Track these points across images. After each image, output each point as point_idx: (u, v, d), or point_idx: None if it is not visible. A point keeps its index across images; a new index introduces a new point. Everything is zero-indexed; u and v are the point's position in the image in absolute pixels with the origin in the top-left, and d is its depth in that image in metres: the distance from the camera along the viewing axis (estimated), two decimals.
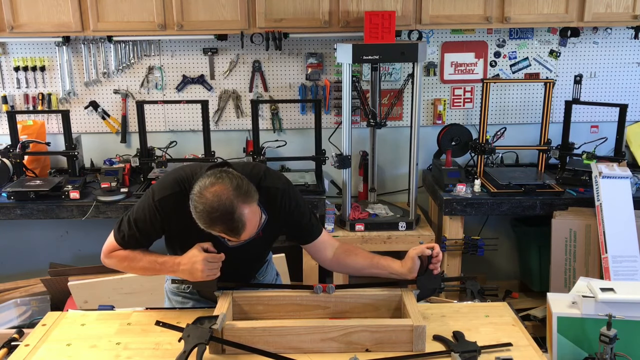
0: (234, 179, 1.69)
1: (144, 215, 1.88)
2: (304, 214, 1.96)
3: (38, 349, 1.74)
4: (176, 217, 1.84)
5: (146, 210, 1.87)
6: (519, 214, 3.39)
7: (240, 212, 1.66)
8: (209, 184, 1.67)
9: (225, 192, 1.65)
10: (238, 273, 2.06)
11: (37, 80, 3.66)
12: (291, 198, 1.93)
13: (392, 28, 3.15)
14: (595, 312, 1.77)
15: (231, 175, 1.70)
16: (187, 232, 1.84)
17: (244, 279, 2.12)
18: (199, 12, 3.26)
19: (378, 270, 1.96)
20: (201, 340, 1.61)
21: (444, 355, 1.69)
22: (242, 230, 1.68)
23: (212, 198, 1.65)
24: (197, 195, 1.67)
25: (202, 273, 1.78)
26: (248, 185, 1.70)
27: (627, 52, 3.77)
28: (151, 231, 1.90)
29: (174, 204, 1.83)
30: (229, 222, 1.66)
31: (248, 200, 1.68)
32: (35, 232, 3.88)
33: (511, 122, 3.85)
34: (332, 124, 3.76)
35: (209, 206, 1.65)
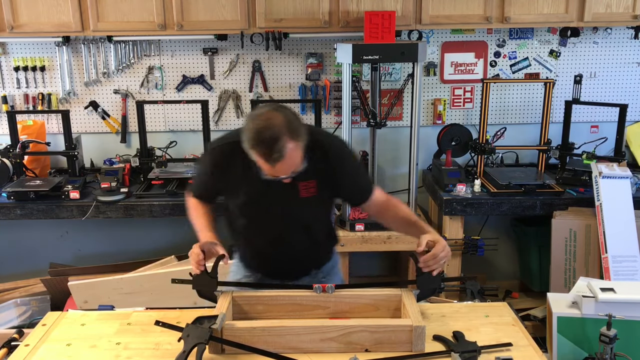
0: (289, 114, 1.75)
1: (202, 165, 2.05)
2: (357, 171, 2.00)
3: (38, 349, 1.74)
4: (227, 167, 1.91)
5: (203, 159, 2.04)
6: (519, 214, 3.39)
7: (284, 143, 1.69)
8: (265, 110, 1.74)
9: (277, 120, 1.70)
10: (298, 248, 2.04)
11: (37, 80, 3.66)
12: (345, 154, 1.96)
13: (392, 28, 3.15)
14: (595, 312, 1.77)
15: (287, 111, 1.76)
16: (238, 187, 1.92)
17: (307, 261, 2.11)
18: (199, 12, 3.26)
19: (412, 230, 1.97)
20: (201, 340, 1.61)
21: (444, 355, 1.69)
22: (278, 160, 1.71)
23: (264, 121, 1.71)
24: (253, 115, 1.75)
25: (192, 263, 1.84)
26: (299, 124, 1.75)
27: (627, 52, 3.77)
28: (207, 179, 2.01)
29: (225, 153, 1.91)
30: (271, 147, 1.68)
31: (294, 136, 1.71)
32: (35, 232, 3.88)
33: (511, 122, 3.85)
34: (332, 124, 3.76)
35: (260, 126, 1.70)
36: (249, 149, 1.74)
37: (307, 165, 1.84)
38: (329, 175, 1.92)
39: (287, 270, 2.10)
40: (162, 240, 3.86)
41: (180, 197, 3.26)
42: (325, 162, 1.89)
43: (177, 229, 3.86)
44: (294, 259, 2.08)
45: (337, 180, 1.95)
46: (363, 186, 2.02)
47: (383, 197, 2.05)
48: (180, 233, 3.88)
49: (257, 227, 2.04)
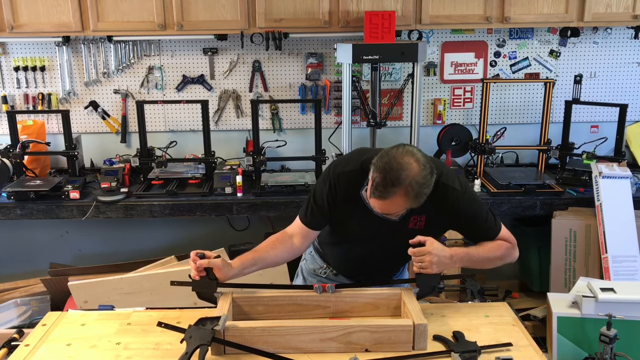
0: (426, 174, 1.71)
1: (321, 189, 1.95)
2: (479, 217, 1.95)
3: (38, 349, 1.74)
4: (349, 193, 1.89)
5: (324, 183, 1.95)
6: (519, 214, 3.39)
7: (397, 192, 1.69)
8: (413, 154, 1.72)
9: (412, 171, 1.69)
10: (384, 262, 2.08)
11: (37, 80, 3.66)
12: (467, 200, 1.92)
13: (392, 28, 3.15)
14: (595, 312, 1.77)
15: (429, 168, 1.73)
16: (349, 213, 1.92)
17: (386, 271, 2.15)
18: (199, 12, 3.26)
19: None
20: (203, 342, 1.60)
21: (444, 355, 1.69)
22: (378, 198, 1.71)
23: (401, 161, 1.69)
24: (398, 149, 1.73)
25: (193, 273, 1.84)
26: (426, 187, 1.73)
27: (627, 52, 3.77)
28: (326, 205, 1.95)
29: (350, 180, 1.89)
30: (384, 185, 1.69)
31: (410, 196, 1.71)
32: (35, 232, 3.88)
33: (511, 122, 3.85)
34: (332, 124, 3.76)
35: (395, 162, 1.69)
36: (372, 169, 1.74)
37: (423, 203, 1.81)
38: (441, 217, 1.93)
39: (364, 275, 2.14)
40: (162, 240, 3.86)
41: (180, 197, 3.27)
42: (441, 206, 1.89)
43: (177, 229, 3.87)
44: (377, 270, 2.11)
45: (449, 223, 1.98)
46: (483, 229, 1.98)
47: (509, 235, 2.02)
48: (180, 233, 3.88)
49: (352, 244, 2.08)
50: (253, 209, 3.27)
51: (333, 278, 2.20)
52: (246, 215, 3.54)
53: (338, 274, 2.20)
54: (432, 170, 1.75)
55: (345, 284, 2.14)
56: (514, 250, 2.00)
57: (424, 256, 1.80)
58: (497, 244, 1.96)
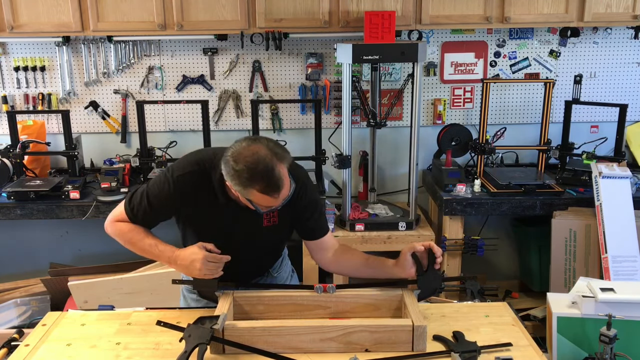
0: (268, 142, 1.73)
1: (159, 190, 1.88)
2: (316, 209, 1.98)
3: (38, 349, 1.74)
4: (193, 196, 1.86)
5: (162, 185, 1.87)
6: (519, 214, 3.39)
7: (279, 169, 1.69)
8: (245, 145, 1.70)
9: (263, 150, 1.68)
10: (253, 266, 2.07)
11: (37, 80, 3.66)
12: (308, 190, 1.94)
13: (392, 28, 3.15)
14: (595, 312, 1.77)
15: (264, 140, 1.74)
16: (202, 215, 1.87)
17: (258, 272, 2.13)
18: (199, 12, 3.26)
19: (372, 269, 1.97)
20: (202, 341, 1.61)
21: (444, 355, 1.69)
22: (281, 188, 1.70)
23: (251, 156, 1.67)
24: (234, 156, 1.69)
25: (199, 272, 1.79)
26: (281, 148, 1.73)
27: (627, 52, 3.77)
28: (162, 208, 1.91)
29: (192, 182, 1.85)
30: (270, 177, 1.67)
31: (283, 160, 1.71)
32: (35, 232, 3.88)
33: (511, 122, 3.85)
34: (332, 124, 3.76)
35: (250, 163, 1.66)
36: (244, 189, 1.69)
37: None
38: (289, 209, 1.89)
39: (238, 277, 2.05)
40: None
41: None
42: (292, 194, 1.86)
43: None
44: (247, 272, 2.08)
45: (297, 213, 1.96)
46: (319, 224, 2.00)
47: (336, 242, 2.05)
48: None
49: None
50: None
51: None
52: None
53: None
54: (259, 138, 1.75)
55: (346, 284, 2.14)
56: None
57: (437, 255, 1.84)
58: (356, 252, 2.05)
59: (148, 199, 1.89)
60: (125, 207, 1.94)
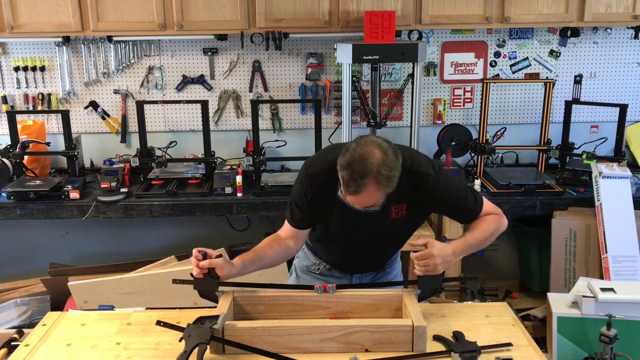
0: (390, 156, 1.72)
1: (298, 190, 1.97)
2: (458, 197, 1.97)
3: (38, 349, 1.74)
4: (325, 192, 1.90)
5: (299, 183, 1.96)
6: (519, 214, 3.38)
7: (367, 182, 1.69)
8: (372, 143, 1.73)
9: (374, 158, 1.70)
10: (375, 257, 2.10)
11: (37, 80, 3.66)
12: (442, 184, 1.92)
13: (392, 28, 3.15)
14: (595, 312, 1.77)
15: (390, 151, 1.73)
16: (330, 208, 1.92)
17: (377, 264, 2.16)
18: (199, 12, 3.26)
19: None
20: (202, 340, 1.60)
21: (444, 355, 1.69)
22: (352, 194, 1.72)
23: (363, 152, 1.70)
24: (360, 142, 1.74)
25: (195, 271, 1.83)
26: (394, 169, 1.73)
27: (627, 52, 3.77)
28: (305, 205, 1.96)
29: (323, 179, 1.89)
30: (354, 179, 1.69)
31: (381, 181, 1.71)
32: (35, 232, 3.88)
33: (511, 122, 3.85)
34: (332, 124, 3.76)
35: (357, 155, 1.70)
36: (338, 166, 1.75)
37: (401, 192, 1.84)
38: (421, 203, 1.94)
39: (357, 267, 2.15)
40: (162, 240, 3.86)
41: (180, 197, 3.27)
42: (419, 192, 1.90)
43: (177, 229, 3.87)
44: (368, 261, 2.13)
45: (432, 208, 2.02)
46: (465, 209, 2.00)
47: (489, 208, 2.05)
48: (180, 233, 3.88)
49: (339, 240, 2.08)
50: (253, 209, 3.27)
51: (327, 273, 2.20)
52: (246, 215, 3.54)
53: (332, 268, 2.20)
54: (396, 152, 1.75)
55: (347, 284, 2.14)
56: (503, 219, 2.05)
57: (427, 260, 1.81)
58: (487, 222, 1.99)
59: (295, 202, 1.98)
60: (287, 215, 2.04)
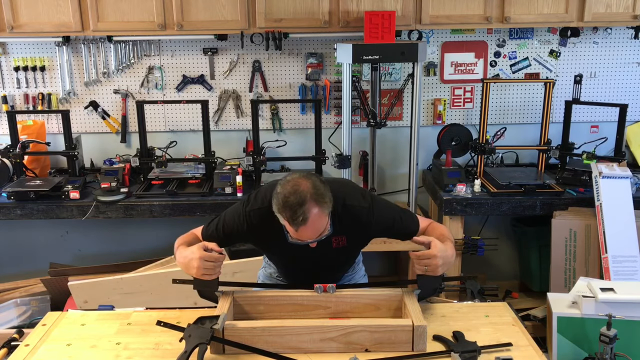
0: (317, 182, 1.80)
1: (232, 221, 2.00)
2: (394, 220, 2.01)
3: (38, 349, 1.74)
4: (263, 229, 1.94)
5: (235, 217, 2.00)
6: (519, 214, 3.39)
7: (308, 207, 1.74)
8: (296, 177, 1.82)
9: (304, 186, 1.77)
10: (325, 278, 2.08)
11: (37, 80, 3.66)
12: (376, 213, 1.97)
13: (392, 28, 3.15)
14: (595, 312, 1.77)
15: (315, 179, 1.82)
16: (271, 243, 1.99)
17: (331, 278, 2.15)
18: (199, 12, 3.26)
19: None
20: (202, 340, 1.61)
21: (444, 355, 1.69)
22: (301, 225, 1.75)
23: (292, 187, 1.77)
24: (283, 182, 1.82)
25: (197, 270, 1.81)
26: (326, 192, 1.80)
27: (627, 52, 3.77)
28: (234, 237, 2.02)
29: (262, 217, 1.93)
30: (295, 211, 1.74)
31: (320, 202, 1.77)
32: (35, 232, 3.88)
33: (511, 122, 3.85)
34: (332, 124, 3.76)
35: (287, 191, 1.77)
36: (276, 212, 1.80)
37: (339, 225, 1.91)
38: (360, 233, 2.00)
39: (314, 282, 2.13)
40: (162, 240, 3.86)
41: (180, 197, 3.27)
42: (356, 226, 1.96)
43: (177, 229, 3.83)
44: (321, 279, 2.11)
45: (371, 236, 2.07)
46: (403, 228, 2.04)
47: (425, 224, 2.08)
48: (180, 233, 3.86)
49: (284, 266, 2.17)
50: None
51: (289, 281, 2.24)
52: None
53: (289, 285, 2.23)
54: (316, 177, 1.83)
55: (347, 284, 2.14)
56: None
57: (429, 259, 1.82)
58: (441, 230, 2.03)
59: (223, 228, 2.01)
60: (203, 229, 2.08)
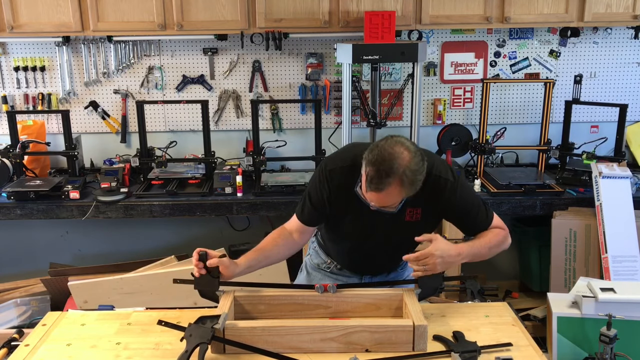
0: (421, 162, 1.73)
1: (315, 186, 1.95)
2: (471, 208, 1.97)
3: (38, 349, 1.74)
4: (343, 189, 1.89)
5: (317, 180, 1.95)
6: (519, 214, 3.39)
7: (394, 181, 1.69)
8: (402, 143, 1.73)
9: (405, 161, 1.69)
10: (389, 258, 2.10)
11: (37, 80, 3.66)
12: (460, 190, 1.93)
13: (392, 28, 3.15)
14: (595, 312, 1.77)
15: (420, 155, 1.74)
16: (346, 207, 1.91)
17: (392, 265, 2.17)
18: (199, 12, 3.26)
19: None
20: (203, 340, 1.60)
21: (444, 355, 1.69)
22: (375, 190, 1.71)
23: (392, 152, 1.70)
24: (389, 141, 1.73)
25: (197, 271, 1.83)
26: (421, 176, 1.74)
27: (627, 52, 3.77)
28: (321, 202, 1.95)
29: (343, 176, 1.89)
30: (380, 175, 1.69)
31: (408, 186, 1.71)
32: (35, 232, 3.88)
33: (511, 122, 3.85)
34: (332, 124, 3.76)
35: (381, 154, 1.70)
36: (364, 161, 1.74)
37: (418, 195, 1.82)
38: (437, 208, 1.94)
39: (368, 268, 2.15)
40: (162, 240, 3.86)
41: (180, 197, 3.27)
42: (436, 198, 1.90)
43: (177, 229, 3.87)
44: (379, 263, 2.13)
45: (444, 215, 2.01)
46: (474, 222, 2.00)
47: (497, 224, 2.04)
48: (180, 233, 3.88)
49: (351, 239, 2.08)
50: (253, 209, 3.27)
51: (337, 272, 2.21)
52: (246, 215, 3.54)
53: (342, 268, 2.21)
54: (422, 157, 1.76)
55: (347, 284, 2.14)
56: (509, 236, 2.06)
57: (426, 259, 1.80)
58: (494, 233, 1.99)
59: (309, 196, 1.97)
60: (297, 210, 2.03)
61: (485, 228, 2.00)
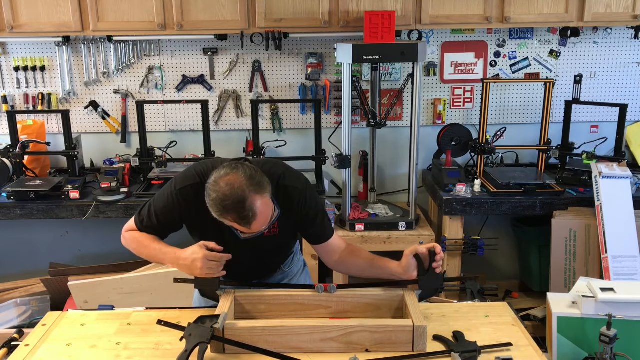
0: (247, 170, 1.72)
1: (163, 204, 1.93)
2: (317, 216, 1.98)
3: (38, 349, 1.74)
4: (195, 208, 1.87)
5: (166, 199, 1.93)
6: (519, 214, 3.39)
7: (252, 201, 1.68)
8: (223, 174, 1.71)
9: (238, 181, 1.68)
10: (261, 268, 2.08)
11: (37, 80, 3.66)
12: (308, 199, 1.94)
13: (392, 28, 3.15)
14: (595, 312, 1.77)
15: (246, 167, 1.73)
16: (205, 225, 1.87)
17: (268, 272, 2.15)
18: (199, 12, 3.26)
19: (377, 270, 1.98)
20: (203, 340, 1.60)
21: (444, 355, 1.69)
22: (252, 220, 1.70)
23: (225, 187, 1.68)
24: (212, 184, 1.71)
25: (201, 271, 1.80)
26: (261, 177, 1.73)
27: (627, 52, 3.77)
28: (168, 221, 1.95)
29: (193, 195, 1.87)
30: (240, 210, 1.68)
31: (260, 191, 1.70)
32: (35, 232, 3.88)
33: (511, 122, 3.85)
34: (332, 124, 3.76)
35: (221, 194, 1.68)
36: (220, 218, 1.72)
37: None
38: (289, 219, 1.93)
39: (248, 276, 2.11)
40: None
41: None
42: (288, 207, 1.90)
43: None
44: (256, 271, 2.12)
45: (299, 223, 1.98)
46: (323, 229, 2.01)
47: (342, 243, 2.06)
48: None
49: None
50: None
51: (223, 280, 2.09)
52: None
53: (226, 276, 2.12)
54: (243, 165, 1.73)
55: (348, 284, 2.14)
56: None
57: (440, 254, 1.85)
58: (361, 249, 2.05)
59: (155, 213, 1.94)
60: (135, 220, 1.99)
61: (329, 237, 2.01)
